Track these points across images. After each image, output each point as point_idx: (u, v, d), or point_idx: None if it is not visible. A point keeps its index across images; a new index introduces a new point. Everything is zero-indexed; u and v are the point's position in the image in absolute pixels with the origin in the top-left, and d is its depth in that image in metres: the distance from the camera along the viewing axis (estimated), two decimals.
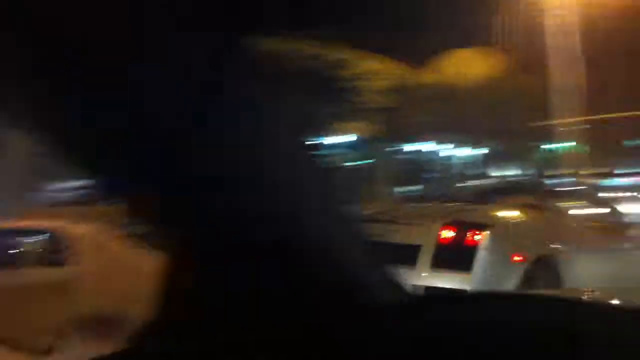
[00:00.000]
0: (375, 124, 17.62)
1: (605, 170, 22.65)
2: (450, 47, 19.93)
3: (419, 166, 21.52)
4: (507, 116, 18.06)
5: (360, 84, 16.26)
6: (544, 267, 4.53)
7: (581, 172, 21.01)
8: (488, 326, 0.68)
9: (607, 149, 22.28)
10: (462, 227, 4.50)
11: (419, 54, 18.83)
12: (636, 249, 5.54)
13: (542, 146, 21.79)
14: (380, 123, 17.62)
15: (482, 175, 21.50)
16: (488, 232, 4.43)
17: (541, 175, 24.49)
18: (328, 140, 16.65)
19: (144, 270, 1.83)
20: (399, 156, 19.72)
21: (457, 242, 4.44)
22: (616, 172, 23.33)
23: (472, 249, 4.37)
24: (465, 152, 21.51)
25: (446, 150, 21.02)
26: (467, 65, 18.74)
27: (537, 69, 18.30)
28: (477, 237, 4.39)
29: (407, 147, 19.68)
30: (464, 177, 22.74)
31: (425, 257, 4.44)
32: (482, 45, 20.27)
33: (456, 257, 4.37)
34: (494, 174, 21.84)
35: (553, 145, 22.27)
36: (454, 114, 17.62)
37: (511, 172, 23.70)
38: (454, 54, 20.14)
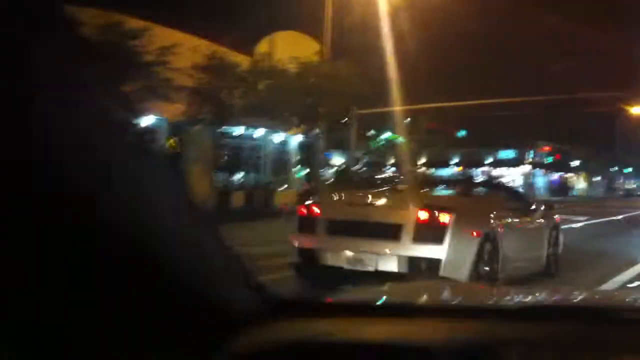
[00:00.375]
0: (187, 104, 16.34)
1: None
2: (272, 31, 19.23)
3: (239, 152, 20.55)
4: (327, 103, 17.60)
5: (166, 59, 14.84)
6: (489, 240, 5.93)
7: (412, 163, 21.32)
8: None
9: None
10: (435, 210, 5.73)
11: (241, 36, 18.00)
12: (538, 226, 7.39)
13: (367, 134, 21.71)
14: (191, 104, 16.37)
15: (310, 163, 20.99)
16: (454, 214, 5.71)
17: (370, 165, 24.63)
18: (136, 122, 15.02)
19: None
20: (216, 141, 18.57)
21: (431, 222, 5.69)
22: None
23: (444, 227, 5.65)
24: (283, 137, 20.89)
25: (263, 135, 20.25)
26: (288, 49, 18.06)
27: (360, 57, 17.99)
28: (446, 218, 5.67)
29: (224, 131, 18.56)
30: (290, 164, 22.15)
31: (407, 234, 5.69)
32: (307, 31, 19.78)
33: (431, 233, 5.65)
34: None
35: (376, 135, 22.32)
36: (271, 98, 16.82)
37: (337, 159, 23.53)
38: (275, 37, 19.42)
